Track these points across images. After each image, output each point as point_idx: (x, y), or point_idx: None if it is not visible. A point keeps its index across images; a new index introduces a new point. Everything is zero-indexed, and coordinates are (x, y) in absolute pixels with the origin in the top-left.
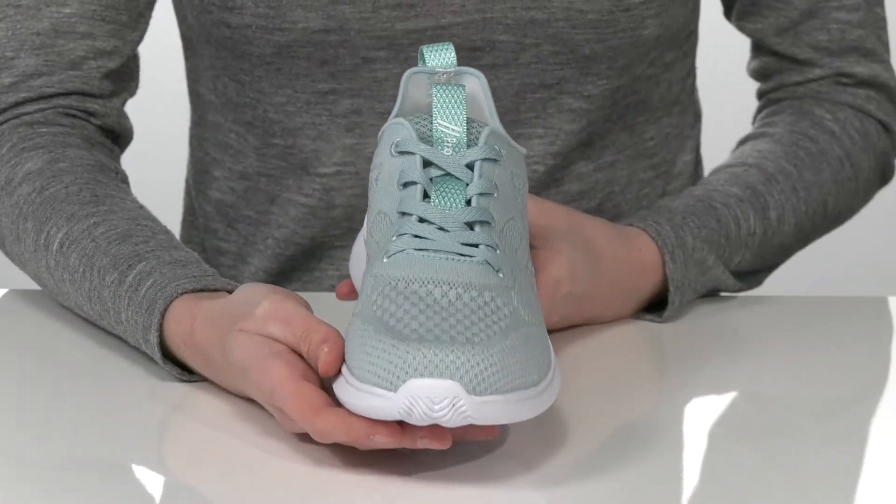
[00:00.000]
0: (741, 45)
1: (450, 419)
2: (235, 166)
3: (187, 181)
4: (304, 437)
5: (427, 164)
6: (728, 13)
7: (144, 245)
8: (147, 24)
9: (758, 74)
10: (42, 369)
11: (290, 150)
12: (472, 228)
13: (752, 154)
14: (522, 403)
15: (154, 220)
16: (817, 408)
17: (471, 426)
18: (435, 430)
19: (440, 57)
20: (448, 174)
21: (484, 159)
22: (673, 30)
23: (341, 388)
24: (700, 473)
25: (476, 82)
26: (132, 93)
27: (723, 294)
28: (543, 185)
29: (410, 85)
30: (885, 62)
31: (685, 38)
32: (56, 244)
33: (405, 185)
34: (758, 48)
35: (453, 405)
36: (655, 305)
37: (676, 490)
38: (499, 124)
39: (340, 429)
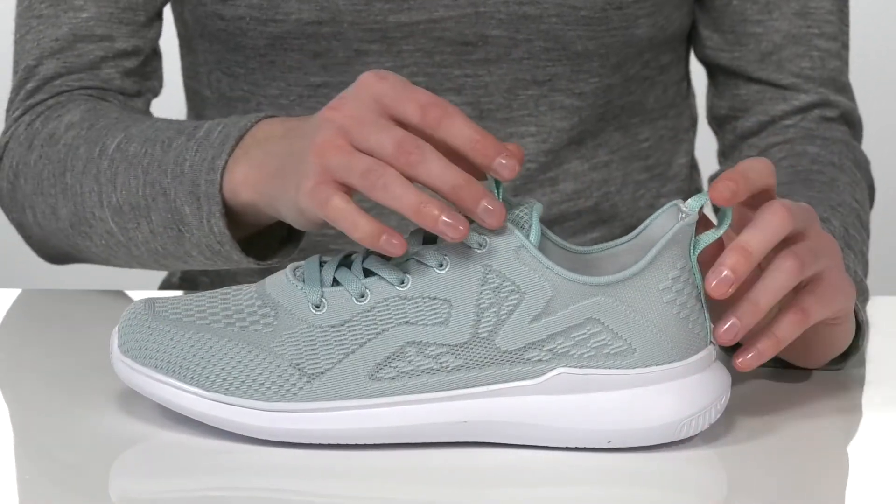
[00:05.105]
0: None
1: None
2: None
3: None
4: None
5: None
6: (696, 48)
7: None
8: (161, 21)
9: (732, 111)
10: (57, 367)
11: None
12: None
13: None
14: None
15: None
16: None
17: None
18: None
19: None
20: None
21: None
22: (668, 32)
23: None
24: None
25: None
26: (156, 92)
27: None
28: (538, 183)
29: None
30: (854, 101)
31: (681, 41)
32: (113, 146)
33: None
34: (727, 84)
35: None
36: None
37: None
38: None
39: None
